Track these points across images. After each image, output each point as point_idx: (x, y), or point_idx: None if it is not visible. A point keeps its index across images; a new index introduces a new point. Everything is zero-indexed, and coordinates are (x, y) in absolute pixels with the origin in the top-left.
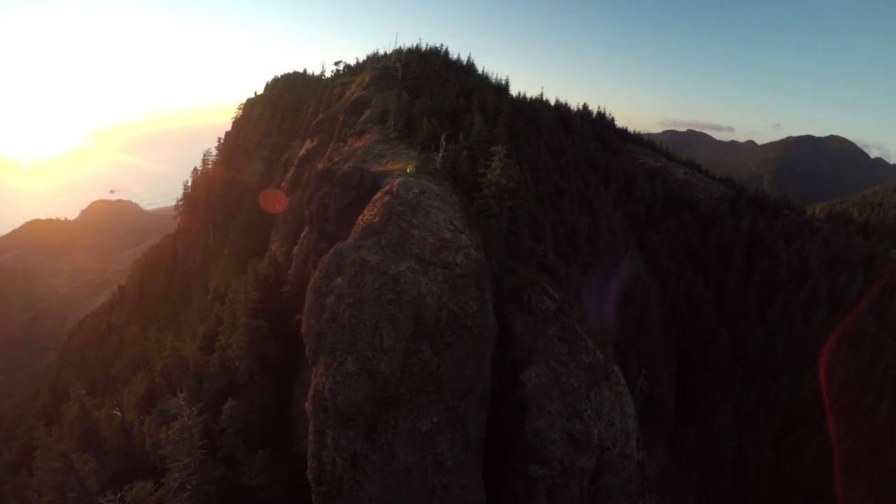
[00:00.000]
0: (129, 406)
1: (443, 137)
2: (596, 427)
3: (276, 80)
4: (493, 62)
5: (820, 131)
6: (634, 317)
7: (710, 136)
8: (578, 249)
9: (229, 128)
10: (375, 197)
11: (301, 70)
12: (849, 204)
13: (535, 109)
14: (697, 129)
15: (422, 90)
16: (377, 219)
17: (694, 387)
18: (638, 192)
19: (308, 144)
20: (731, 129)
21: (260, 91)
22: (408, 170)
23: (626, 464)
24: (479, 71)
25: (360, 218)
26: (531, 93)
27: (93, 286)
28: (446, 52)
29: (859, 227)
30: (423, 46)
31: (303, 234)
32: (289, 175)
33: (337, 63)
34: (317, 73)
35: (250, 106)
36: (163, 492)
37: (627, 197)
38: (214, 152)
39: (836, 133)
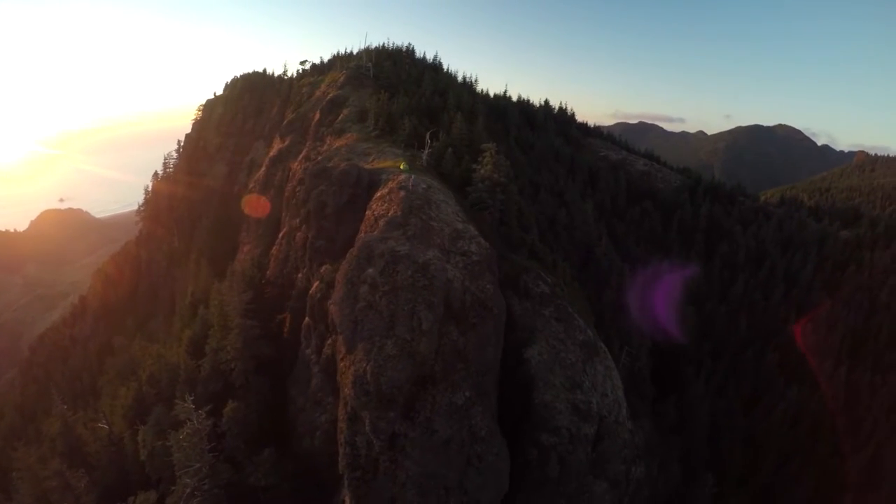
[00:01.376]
0: (117, 418)
1: (428, 135)
2: (594, 397)
3: (235, 81)
4: (453, 60)
5: (768, 120)
6: (612, 298)
7: (662, 128)
8: (558, 238)
9: (188, 130)
10: (383, 192)
11: (261, 70)
12: (798, 190)
13: (502, 106)
14: (649, 121)
15: (396, 89)
16: (399, 212)
17: (667, 363)
18: (602, 183)
19: (278, 144)
20: (682, 121)
21: (219, 92)
22: (401, 166)
23: (621, 431)
24: (446, 69)
25: (368, 213)
26: (493, 90)
27: (47, 299)
28: (413, 51)
29: (810, 211)
30: (390, 45)
31: (282, 233)
32: (258, 176)
33: (302, 62)
34: (277, 72)
35: (210, 107)
36: (172, 500)
37: (593, 189)
38: (175, 155)
39: (784, 122)
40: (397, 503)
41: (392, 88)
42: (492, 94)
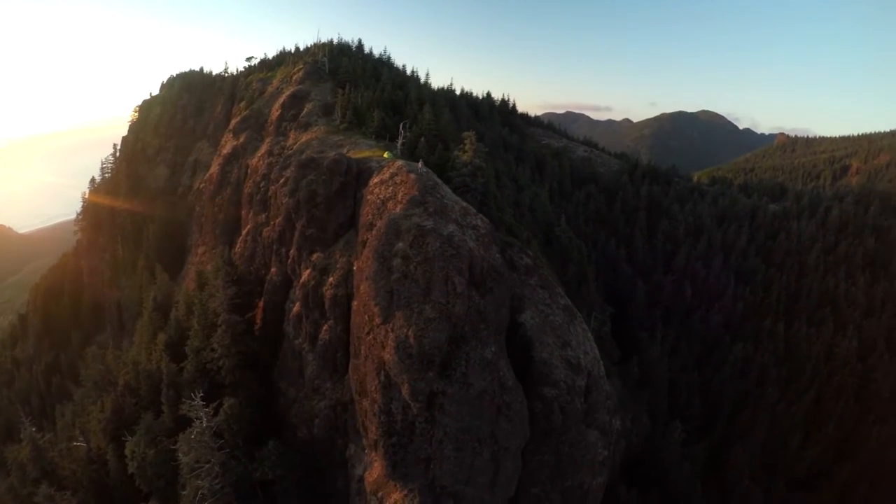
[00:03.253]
0: (94, 434)
1: (401, 126)
2: (580, 353)
3: (173, 80)
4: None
5: (692, 107)
6: (575, 271)
7: (589, 117)
8: (524, 219)
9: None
10: (383, 177)
11: (198, 69)
12: (724, 171)
13: (450, 99)
14: (576, 111)
15: (356, 84)
16: (416, 192)
17: (625, 329)
18: (549, 169)
19: (232, 142)
20: (609, 109)
21: (156, 92)
22: (385, 155)
23: (603, 384)
24: (394, 64)
25: (370, 197)
26: (436, 83)
27: None
28: (363, 47)
29: (740, 188)
30: (338, 41)
31: (245, 231)
32: (208, 175)
33: (249, 59)
34: (216, 71)
35: (147, 108)
36: None
37: (541, 175)
38: (112, 160)
39: (707, 108)
40: (433, 462)
41: (352, 83)
42: (435, 88)
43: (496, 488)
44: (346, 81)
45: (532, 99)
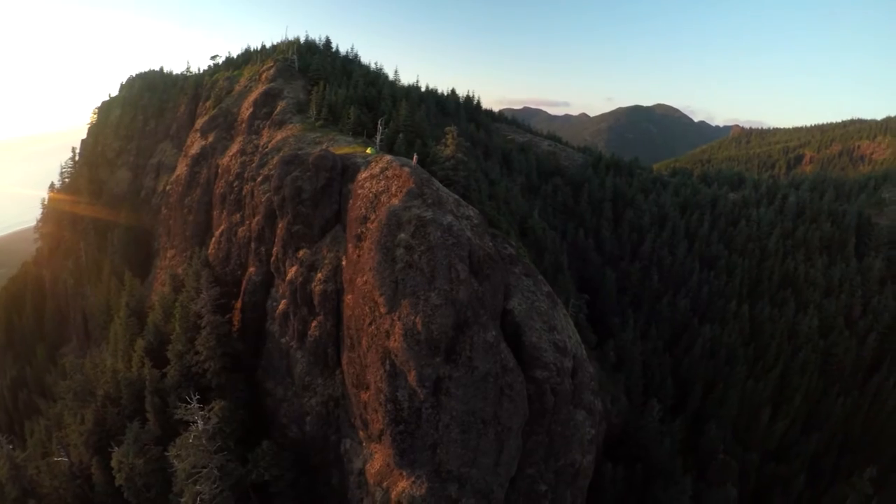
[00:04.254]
0: (76, 447)
1: (380, 122)
2: (566, 337)
3: (132, 80)
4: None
5: (648, 101)
6: (551, 261)
7: (546, 112)
8: (500, 211)
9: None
10: (373, 171)
11: (157, 69)
12: (682, 162)
13: (419, 95)
14: (533, 106)
15: (328, 81)
16: (413, 185)
17: (596, 316)
18: (516, 164)
19: (200, 142)
20: (567, 104)
21: (115, 93)
22: (368, 151)
23: (586, 366)
24: (362, 62)
25: (361, 192)
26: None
27: None
28: (329, 44)
29: (700, 178)
30: (304, 39)
31: (219, 232)
32: (175, 177)
33: (213, 57)
34: (177, 70)
35: (106, 110)
36: None
37: (508, 169)
38: (72, 165)
39: (662, 102)
40: (439, 447)
41: (323, 81)
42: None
43: (499, 468)
44: (317, 79)
45: (490, 95)
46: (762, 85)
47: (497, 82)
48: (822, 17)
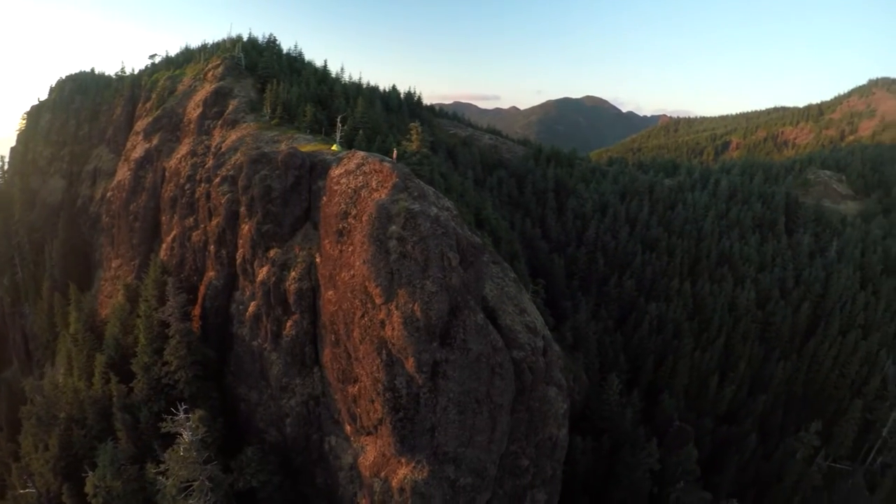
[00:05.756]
0: (43, 474)
1: (339, 120)
2: (534, 318)
3: (62, 83)
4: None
5: (577, 93)
6: (507, 249)
7: (477, 106)
8: (458, 203)
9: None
10: (348, 167)
11: (88, 70)
12: (613, 152)
13: (367, 92)
14: (464, 101)
15: (278, 79)
16: (397, 179)
17: (549, 300)
18: (461, 158)
19: (144, 145)
20: (497, 98)
21: (44, 97)
22: (333, 147)
23: (553, 345)
24: (307, 60)
25: (337, 188)
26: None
27: None
28: (274, 42)
29: (637, 166)
30: (248, 37)
31: (170, 237)
32: (118, 182)
33: (152, 56)
34: (109, 72)
35: (36, 114)
36: None
37: (454, 163)
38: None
39: (590, 93)
40: (437, 430)
41: (274, 79)
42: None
43: (493, 445)
44: (267, 77)
45: (418, 90)
46: (688, 76)
47: (425, 77)
48: (746, 7)
